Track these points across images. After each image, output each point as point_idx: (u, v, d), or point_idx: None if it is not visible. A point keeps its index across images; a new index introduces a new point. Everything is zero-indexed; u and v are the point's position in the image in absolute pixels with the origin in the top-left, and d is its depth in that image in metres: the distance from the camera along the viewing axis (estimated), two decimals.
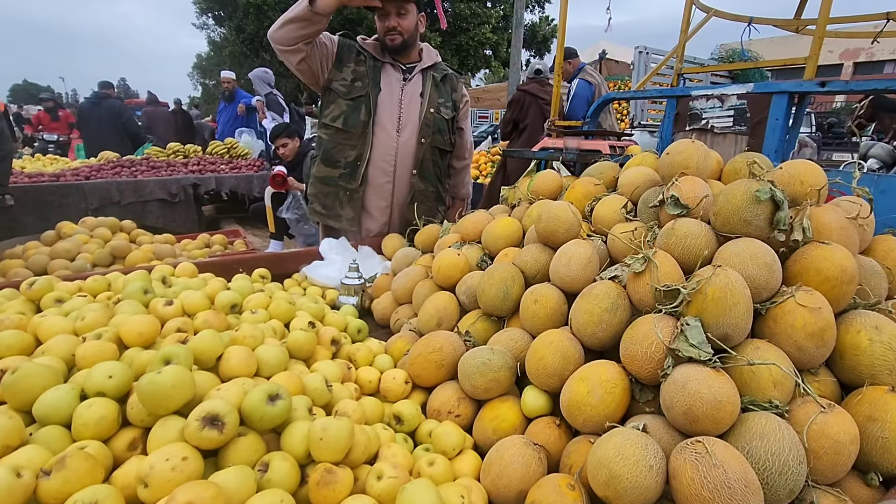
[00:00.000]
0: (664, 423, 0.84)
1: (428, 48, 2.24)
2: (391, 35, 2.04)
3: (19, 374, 0.75)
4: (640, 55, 4.75)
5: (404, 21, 2.03)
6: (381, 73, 2.09)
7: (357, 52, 2.08)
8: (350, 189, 2.12)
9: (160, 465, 0.64)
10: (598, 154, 1.76)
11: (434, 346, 1.13)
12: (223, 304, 1.25)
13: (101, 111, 6.12)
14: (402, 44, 2.06)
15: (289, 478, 0.70)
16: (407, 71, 2.15)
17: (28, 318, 1.14)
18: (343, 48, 2.07)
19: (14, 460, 0.64)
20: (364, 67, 2.06)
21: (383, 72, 2.10)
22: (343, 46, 2.07)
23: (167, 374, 0.73)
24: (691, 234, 1.00)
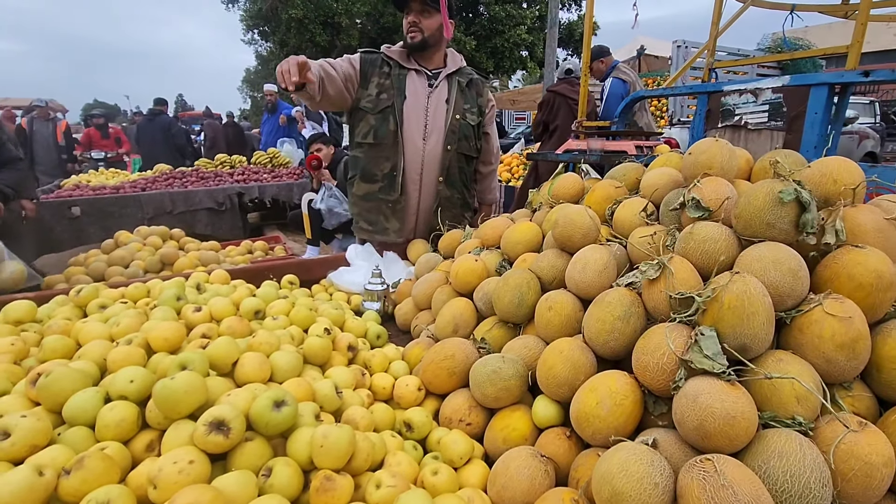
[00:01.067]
0: (677, 438, 0.80)
1: (453, 53, 2.24)
2: (412, 32, 2.07)
3: (52, 378, 0.81)
4: (679, 49, 4.58)
5: (426, 20, 2.06)
6: (406, 80, 2.12)
7: (381, 63, 2.12)
8: (391, 200, 2.14)
9: (168, 467, 0.68)
10: (624, 155, 1.71)
11: (446, 353, 1.13)
12: (247, 311, 1.30)
13: (155, 127, 6.54)
14: (422, 41, 2.08)
15: (291, 483, 0.72)
16: (433, 77, 2.16)
17: (73, 323, 1.23)
18: (366, 65, 2.11)
19: (38, 459, 0.69)
20: (389, 79, 2.09)
21: (408, 79, 2.13)
22: (366, 63, 2.11)
23: (180, 380, 0.77)
24: (710, 239, 0.95)
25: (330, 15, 12.59)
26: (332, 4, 12.76)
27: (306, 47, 13.06)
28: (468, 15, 14.93)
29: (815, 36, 5.64)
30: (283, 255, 3.67)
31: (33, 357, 1.12)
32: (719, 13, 2.03)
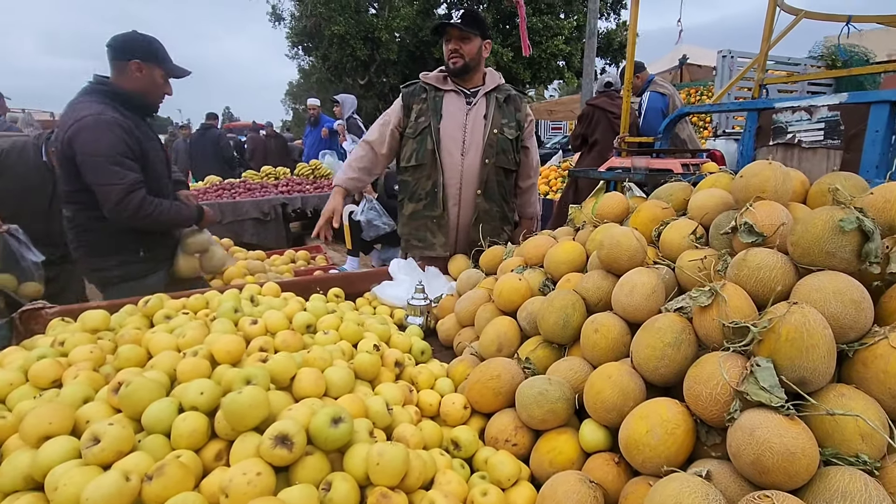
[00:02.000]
0: (731, 470, 0.79)
1: (491, 72, 2.33)
2: (454, 58, 2.19)
3: (132, 388, 0.88)
4: (724, 60, 4.45)
5: (466, 46, 2.18)
6: (442, 101, 2.23)
7: (419, 90, 2.25)
8: (435, 216, 2.25)
9: (238, 478, 0.72)
10: (670, 174, 1.69)
11: (492, 373, 1.14)
12: (299, 325, 1.36)
13: (206, 140, 6.89)
14: (464, 66, 2.20)
15: (349, 498, 0.76)
16: (471, 95, 2.24)
17: (143, 333, 1.32)
18: (407, 98, 2.26)
19: (124, 465, 0.75)
20: (426, 103, 2.22)
21: (445, 100, 2.23)
22: (407, 97, 2.26)
23: (246, 394, 0.83)
24: (765, 266, 0.94)
25: (370, 30, 12.97)
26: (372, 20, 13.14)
27: (347, 61, 13.48)
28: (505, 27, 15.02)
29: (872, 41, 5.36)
30: (325, 264, 3.79)
31: (109, 364, 1.21)
32: (770, 28, 1.97)
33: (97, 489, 0.68)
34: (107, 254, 2.13)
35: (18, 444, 0.88)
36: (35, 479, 0.79)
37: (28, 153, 2.74)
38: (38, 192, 2.78)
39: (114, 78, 2.10)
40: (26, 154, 2.72)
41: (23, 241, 2.01)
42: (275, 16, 16.13)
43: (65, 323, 1.48)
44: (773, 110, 1.66)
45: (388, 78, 14.58)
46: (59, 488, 0.70)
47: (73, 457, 0.79)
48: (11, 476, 0.78)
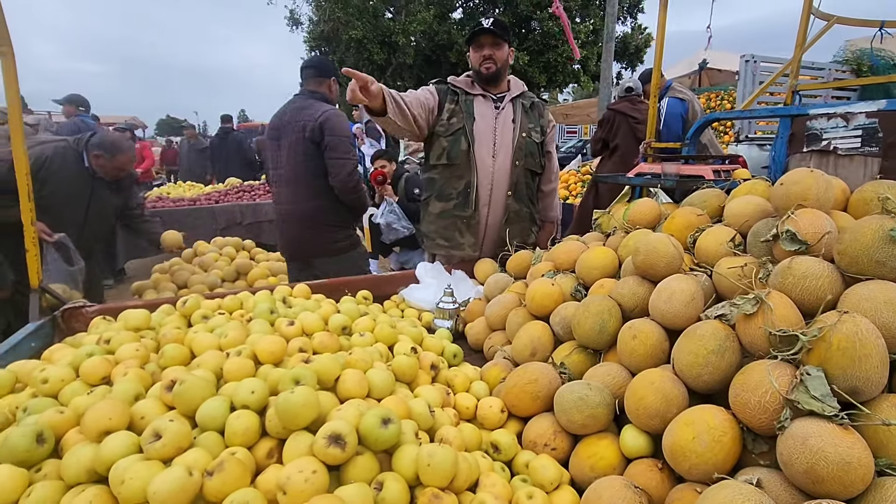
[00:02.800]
0: (782, 478, 0.78)
1: (515, 79, 2.38)
2: (486, 64, 2.23)
3: (185, 386, 0.91)
4: (747, 64, 4.41)
5: (498, 52, 2.23)
6: (473, 104, 2.26)
7: (449, 91, 2.28)
8: (466, 216, 2.26)
9: (295, 476, 0.74)
10: (700, 180, 1.68)
11: (530, 377, 1.15)
12: (335, 326, 1.38)
13: (228, 143, 7.00)
14: (496, 72, 2.25)
15: (401, 498, 0.77)
16: (498, 100, 2.28)
17: (183, 332, 1.36)
18: (441, 94, 2.28)
19: (185, 460, 0.78)
20: (457, 104, 2.25)
21: (475, 103, 2.28)
22: (441, 93, 2.28)
23: (299, 394, 0.85)
24: (811, 275, 0.94)
25: (387, 34, 13.09)
26: (389, 24, 13.25)
27: (363, 65, 13.60)
28: (521, 31, 15.02)
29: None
30: None
31: (153, 362, 1.24)
32: (804, 34, 1.95)
33: (164, 483, 0.70)
34: (341, 227, 2.73)
35: (78, 438, 0.91)
36: (97, 472, 0.81)
37: (69, 159, 2.77)
38: (77, 200, 2.83)
39: (315, 87, 2.70)
40: (68, 160, 2.76)
41: (70, 249, 2.08)
42: (293, 20, 16.35)
43: (106, 321, 1.52)
44: (808, 117, 1.65)
45: (404, 81, 14.67)
46: (125, 482, 0.73)
47: (132, 451, 0.82)
48: (75, 469, 0.81)
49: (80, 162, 2.81)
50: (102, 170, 2.85)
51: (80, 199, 2.82)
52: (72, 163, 2.77)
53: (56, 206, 2.51)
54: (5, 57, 1.43)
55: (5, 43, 1.44)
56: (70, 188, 2.75)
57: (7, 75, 1.44)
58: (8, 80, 1.44)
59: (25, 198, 1.52)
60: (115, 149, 2.86)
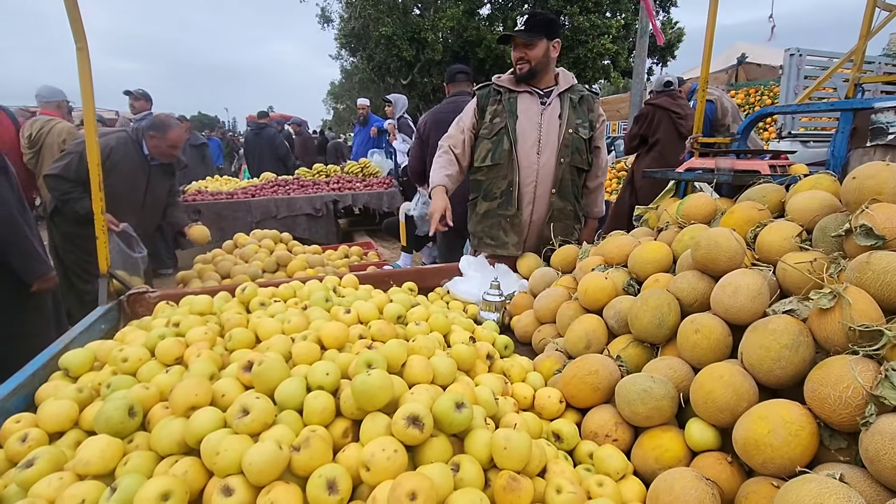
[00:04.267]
0: (865, 475, 0.77)
1: (564, 72, 2.33)
2: (520, 64, 2.24)
3: (265, 366, 0.95)
4: (792, 58, 4.26)
5: (531, 51, 2.21)
6: (517, 103, 2.26)
7: (492, 92, 2.30)
8: (509, 215, 2.27)
9: (378, 454, 0.77)
10: (757, 175, 1.65)
11: (590, 368, 1.16)
12: (391, 315, 1.41)
13: (262, 139, 7.15)
14: (530, 71, 2.23)
15: (478, 479, 0.79)
16: (545, 95, 2.26)
17: (244, 317, 1.41)
18: (482, 100, 2.31)
19: (273, 435, 0.81)
20: (500, 104, 2.26)
21: (520, 100, 2.26)
22: (481, 98, 2.31)
23: (375, 377, 0.87)
24: (893, 270, 0.91)
25: (416, 31, 13.11)
26: (418, 21, 13.28)
27: (392, 62, 13.69)
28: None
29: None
30: (377, 259, 3.89)
31: (219, 344, 1.29)
32: (869, 24, 1.87)
33: (259, 455, 0.74)
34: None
35: (163, 412, 0.96)
36: (187, 444, 0.86)
37: (130, 148, 2.91)
38: (137, 187, 2.95)
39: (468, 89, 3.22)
40: (129, 149, 2.90)
41: (133, 237, 2.17)
42: (324, 18, 16.55)
43: (170, 306, 1.59)
44: (872, 110, 1.60)
45: (431, 78, 14.69)
46: (220, 453, 0.77)
47: (218, 426, 0.86)
48: (167, 441, 0.86)
49: (140, 150, 2.95)
50: (157, 150, 3.00)
51: (139, 186, 2.96)
52: (133, 152, 2.92)
53: (118, 195, 2.61)
54: (81, 52, 1.50)
55: (81, 39, 1.51)
56: (131, 176, 2.89)
57: (82, 70, 1.51)
58: (83, 75, 1.52)
59: (97, 188, 1.59)
60: (165, 126, 2.99)
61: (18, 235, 2.09)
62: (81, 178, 2.70)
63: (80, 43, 1.50)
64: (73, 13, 1.50)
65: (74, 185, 2.74)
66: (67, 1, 1.48)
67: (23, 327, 2.19)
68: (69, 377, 1.23)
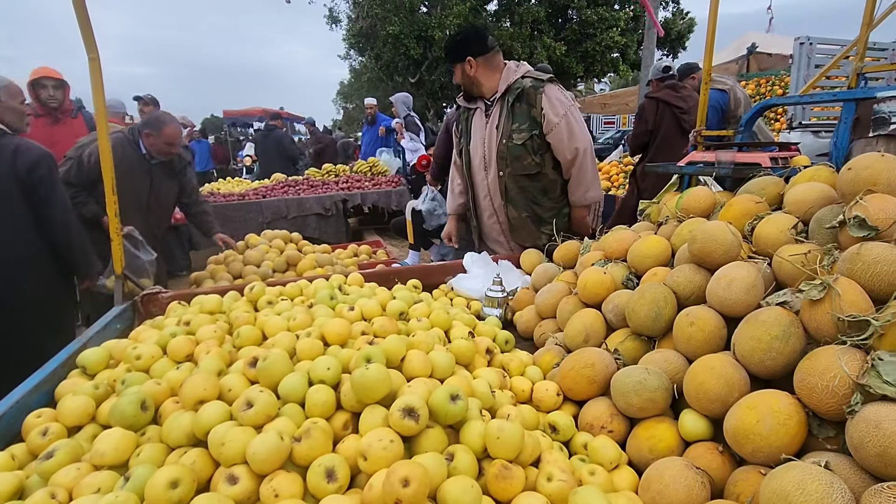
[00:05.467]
0: (850, 462, 0.79)
1: (507, 70, 2.22)
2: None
3: (269, 362, 0.99)
4: (802, 47, 4.19)
5: (455, 76, 2.31)
6: (472, 121, 2.36)
7: (459, 112, 2.44)
8: (474, 226, 2.50)
9: (375, 444, 0.80)
10: (757, 168, 1.65)
11: (586, 361, 1.18)
12: (393, 312, 1.45)
13: (270, 141, 7.25)
14: (464, 92, 2.37)
15: (472, 468, 0.82)
16: (491, 106, 2.27)
17: (253, 315, 1.45)
18: (451, 120, 2.57)
19: (276, 427, 0.85)
20: (462, 124, 2.40)
21: (474, 118, 2.35)
22: (451, 118, 2.60)
23: (373, 371, 0.91)
24: (883, 260, 0.92)
25: (423, 29, 13.13)
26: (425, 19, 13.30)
27: (399, 60, 13.73)
28: (558, 20, 14.75)
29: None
30: (386, 258, 3.93)
31: (228, 342, 1.34)
32: (871, 12, 1.84)
33: (262, 445, 0.78)
34: None
35: (173, 406, 1.01)
36: (196, 437, 0.90)
37: (128, 148, 2.90)
38: (139, 188, 2.96)
39: None
40: (127, 150, 2.88)
41: (139, 241, 2.24)
42: (332, 18, 16.64)
43: (182, 306, 1.64)
44: (874, 100, 1.59)
45: (440, 75, 14.69)
46: (225, 444, 0.81)
47: (225, 419, 0.90)
48: (177, 433, 0.90)
49: (138, 150, 2.95)
50: (154, 148, 2.96)
51: (141, 186, 2.97)
52: (130, 152, 2.89)
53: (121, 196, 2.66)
54: (93, 62, 1.56)
55: (93, 49, 1.57)
56: (132, 176, 2.86)
57: (94, 79, 1.57)
58: (95, 83, 1.57)
59: (110, 191, 1.65)
60: (160, 123, 2.96)
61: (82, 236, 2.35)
62: (83, 183, 2.74)
63: (91, 53, 1.56)
64: (85, 24, 1.55)
65: (78, 190, 2.77)
66: (79, 12, 1.54)
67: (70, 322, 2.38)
68: (87, 374, 1.28)
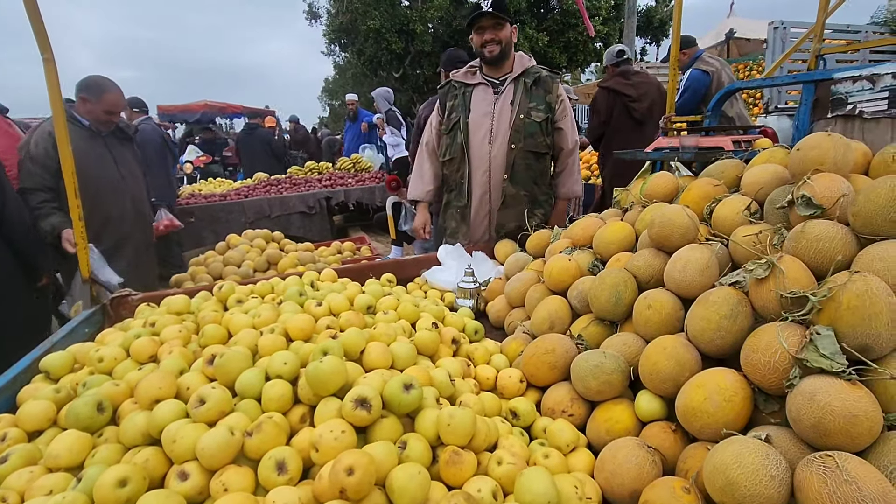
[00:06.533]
0: (792, 435, 0.81)
1: (521, 56, 2.35)
2: (490, 47, 2.25)
3: (225, 359, 0.99)
4: (776, 32, 4.23)
5: (501, 32, 2.24)
6: (471, 96, 2.31)
7: (451, 89, 2.37)
8: (461, 206, 2.38)
9: (326, 434, 0.81)
10: (720, 152, 1.67)
11: (547, 347, 1.19)
12: (360, 306, 1.45)
13: (254, 139, 7.17)
14: (501, 53, 2.26)
15: (423, 455, 0.83)
16: (499, 84, 2.30)
17: (220, 315, 1.45)
18: (442, 98, 2.39)
19: (227, 422, 0.85)
20: (457, 99, 2.32)
21: (475, 93, 2.32)
22: (442, 96, 2.40)
23: (327, 363, 0.91)
24: (825, 237, 0.94)
25: (405, 23, 13.04)
26: (406, 12, 13.20)
27: (382, 55, 13.62)
28: (539, 10, 14.71)
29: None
30: (369, 254, 3.93)
31: (194, 342, 1.34)
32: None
33: (211, 440, 0.78)
34: None
35: (132, 407, 1.00)
36: (151, 435, 0.90)
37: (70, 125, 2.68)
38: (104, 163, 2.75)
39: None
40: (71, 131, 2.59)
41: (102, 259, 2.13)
42: (311, 14, 16.47)
43: (150, 308, 1.63)
44: (832, 81, 1.61)
45: (423, 70, 14.61)
46: (176, 441, 0.81)
47: (180, 417, 0.90)
48: (132, 433, 0.90)
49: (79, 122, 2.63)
50: (91, 115, 2.65)
51: (104, 159, 2.67)
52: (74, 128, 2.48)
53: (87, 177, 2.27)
54: (48, 63, 1.54)
55: (47, 49, 1.54)
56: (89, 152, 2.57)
57: (50, 80, 1.55)
58: (51, 85, 1.55)
59: (73, 195, 1.63)
60: (100, 88, 2.64)
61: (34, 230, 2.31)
62: (44, 182, 2.44)
63: (45, 54, 1.54)
64: (37, 24, 1.53)
65: (44, 194, 2.47)
66: (30, 10, 1.51)
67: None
68: (50, 379, 1.27)
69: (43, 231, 2.43)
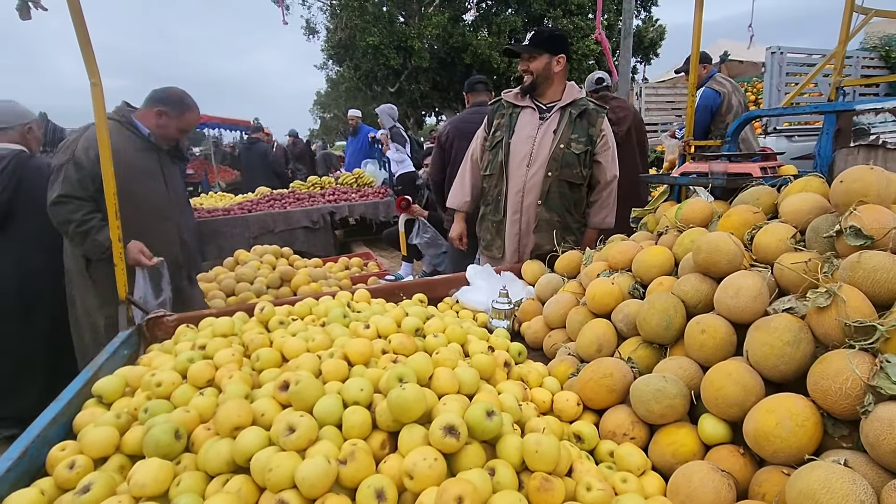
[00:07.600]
0: (866, 459, 0.84)
1: (571, 86, 2.45)
2: (525, 75, 2.40)
3: (302, 385, 1.00)
4: (773, 56, 4.39)
5: (532, 63, 2.35)
6: (517, 118, 2.41)
7: (499, 107, 2.47)
8: (496, 221, 2.46)
9: (420, 462, 0.83)
10: (749, 178, 1.73)
11: (605, 371, 1.22)
12: (408, 328, 1.47)
13: (253, 154, 7.18)
14: (532, 83, 2.38)
15: (513, 481, 0.85)
16: (546, 111, 2.38)
17: (267, 337, 1.46)
18: (492, 113, 2.50)
19: (319, 450, 0.86)
20: (503, 118, 2.42)
21: (521, 116, 2.41)
22: (492, 113, 2.50)
23: (410, 390, 0.93)
24: (882, 268, 0.99)
25: (403, 39, 13.24)
26: (405, 29, 13.41)
27: (379, 70, 13.79)
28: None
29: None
30: (377, 270, 3.94)
31: (246, 364, 1.34)
32: (847, 30, 1.96)
33: (311, 469, 0.79)
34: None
35: (206, 434, 1.01)
36: (235, 463, 0.91)
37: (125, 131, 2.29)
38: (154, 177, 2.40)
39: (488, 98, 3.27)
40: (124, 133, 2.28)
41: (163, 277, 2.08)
42: (309, 29, 16.62)
43: (191, 329, 1.63)
44: (854, 112, 1.69)
45: (419, 84, 14.79)
46: (273, 469, 0.82)
47: (265, 444, 0.91)
48: (216, 461, 0.91)
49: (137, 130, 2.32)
50: (163, 130, 2.34)
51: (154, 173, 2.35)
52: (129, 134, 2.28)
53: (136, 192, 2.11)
54: (95, 87, 1.55)
55: (94, 74, 1.56)
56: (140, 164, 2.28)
57: (97, 103, 1.56)
58: (97, 107, 1.56)
59: (113, 216, 1.63)
60: (182, 105, 2.36)
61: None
62: (90, 192, 2.09)
63: (93, 78, 1.55)
64: (86, 48, 1.54)
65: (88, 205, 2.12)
66: (80, 36, 1.53)
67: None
68: (103, 404, 1.27)
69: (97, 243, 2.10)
